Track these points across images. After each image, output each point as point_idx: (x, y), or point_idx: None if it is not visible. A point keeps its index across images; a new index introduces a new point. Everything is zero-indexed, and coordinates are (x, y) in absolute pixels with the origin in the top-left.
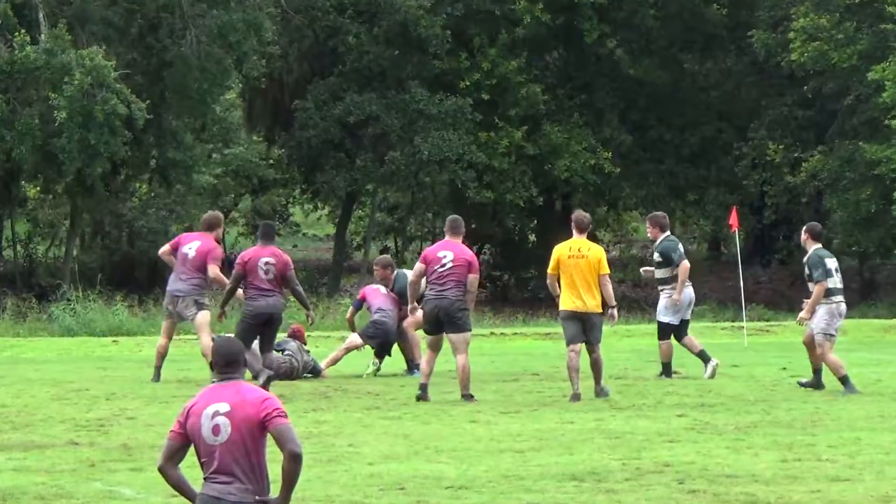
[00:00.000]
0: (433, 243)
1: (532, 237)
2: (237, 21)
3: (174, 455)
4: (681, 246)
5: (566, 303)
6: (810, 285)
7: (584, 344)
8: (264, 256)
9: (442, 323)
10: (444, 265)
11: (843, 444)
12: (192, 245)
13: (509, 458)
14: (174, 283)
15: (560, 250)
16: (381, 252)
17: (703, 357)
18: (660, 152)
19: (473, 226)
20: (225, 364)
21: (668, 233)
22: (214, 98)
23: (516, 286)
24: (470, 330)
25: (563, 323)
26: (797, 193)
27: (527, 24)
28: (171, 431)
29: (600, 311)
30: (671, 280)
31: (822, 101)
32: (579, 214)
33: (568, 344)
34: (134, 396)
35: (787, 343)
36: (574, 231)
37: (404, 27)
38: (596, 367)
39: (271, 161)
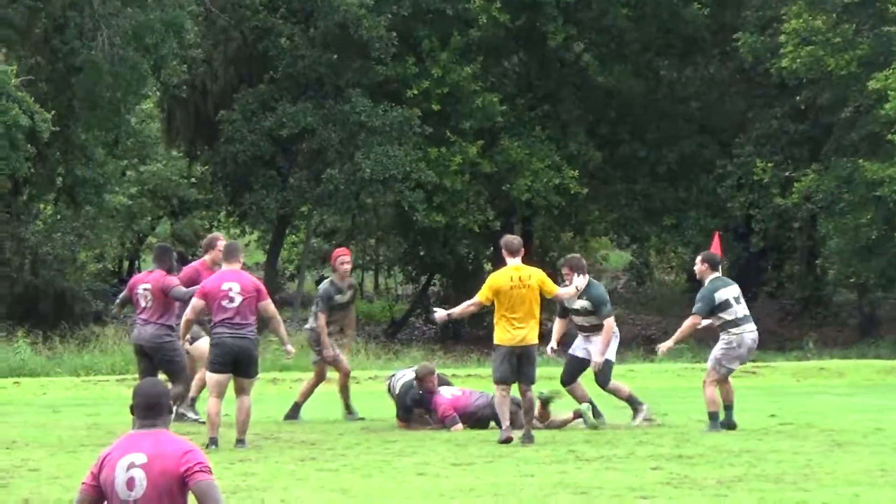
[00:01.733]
0: (376, 273)
1: (488, 266)
2: (154, 21)
3: None
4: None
5: (504, 337)
6: (735, 310)
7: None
8: (144, 283)
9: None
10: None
11: (839, 502)
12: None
13: None
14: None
15: (500, 280)
16: (317, 282)
17: (634, 402)
18: (633, 171)
19: (422, 253)
20: (145, 409)
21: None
22: (129, 108)
23: (470, 322)
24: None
25: (499, 358)
26: (788, 217)
27: (483, 26)
28: (83, 484)
29: (537, 342)
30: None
31: (817, 113)
32: (509, 238)
33: (500, 382)
34: (37, 445)
35: (776, 387)
36: (506, 256)
37: (344, 28)
38: (531, 408)
39: (193, 179)
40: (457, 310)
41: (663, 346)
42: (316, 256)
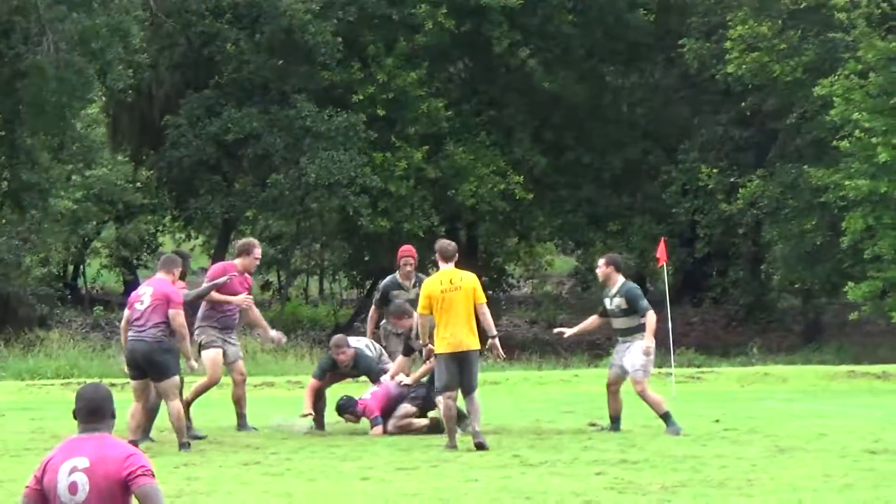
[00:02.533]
0: (321, 278)
1: (433, 271)
2: (100, 26)
3: None
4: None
5: (442, 344)
6: (619, 321)
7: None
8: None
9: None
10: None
11: None
12: None
13: None
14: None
15: (430, 286)
16: (263, 287)
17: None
18: (578, 176)
19: (367, 258)
20: (88, 413)
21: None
22: (74, 113)
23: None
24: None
25: (440, 366)
26: (733, 223)
27: (428, 31)
28: (27, 488)
29: (479, 347)
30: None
31: (762, 119)
32: (443, 243)
33: (444, 391)
34: None
35: (720, 392)
36: (440, 261)
37: (289, 34)
38: (475, 410)
39: (138, 184)
40: (422, 333)
41: (568, 332)
42: (262, 261)
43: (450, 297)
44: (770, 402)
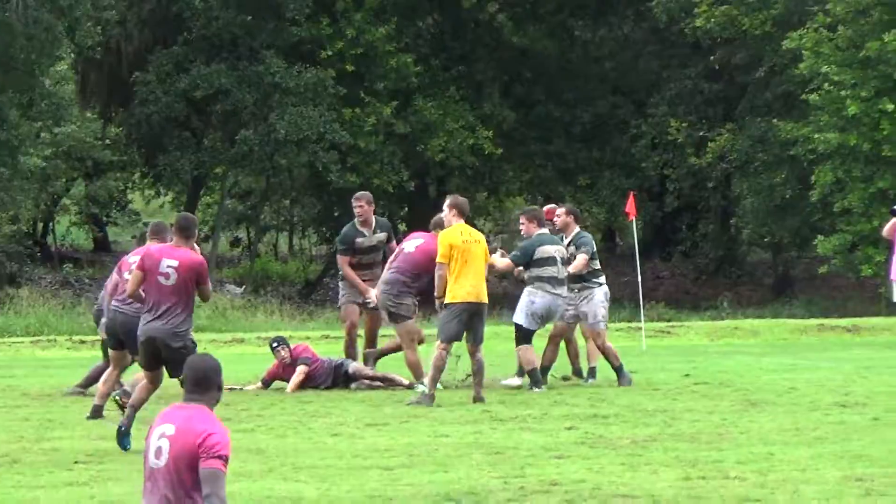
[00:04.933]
0: (291, 234)
1: (403, 227)
2: None
3: None
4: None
5: (460, 293)
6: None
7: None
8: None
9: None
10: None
11: (754, 461)
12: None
13: (376, 476)
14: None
15: (451, 236)
16: (232, 244)
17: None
18: (547, 131)
19: (336, 214)
20: (193, 383)
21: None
22: (43, 70)
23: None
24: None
25: (452, 317)
26: (703, 177)
27: None
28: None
29: (487, 301)
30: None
31: (731, 72)
32: (460, 199)
33: (447, 340)
34: None
35: (690, 346)
36: (456, 216)
37: None
38: (480, 369)
39: (108, 141)
40: (439, 291)
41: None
42: (230, 217)
43: (471, 249)
44: (740, 356)
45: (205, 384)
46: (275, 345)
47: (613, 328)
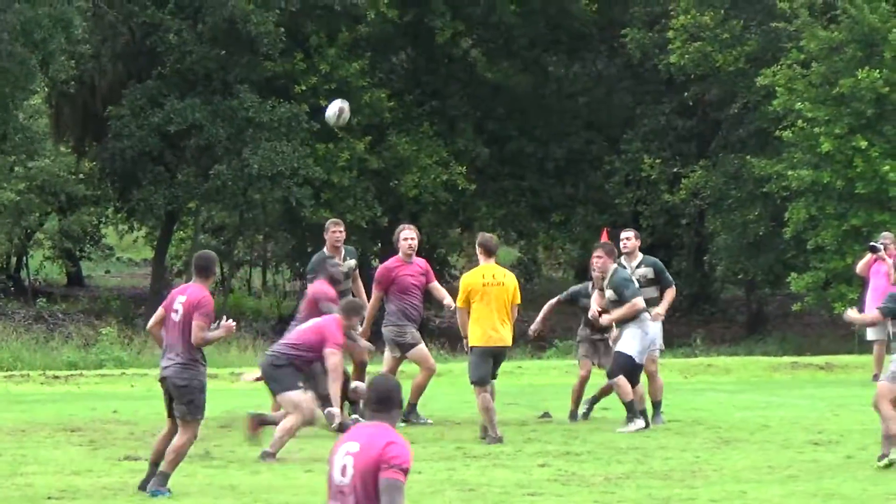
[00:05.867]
0: (264, 269)
1: (375, 262)
2: (43, 16)
3: None
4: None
5: (481, 337)
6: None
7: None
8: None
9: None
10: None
11: (727, 498)
12: None
13: None
14: None
15: (472, 278)
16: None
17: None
18: (521, 167)
19: (310, 249)
20: (376, 402)
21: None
22: (17, 104)
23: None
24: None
25: (476, 360)
26: (676, 214)
27: (371, 21)
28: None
29: (510, 344)
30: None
31: (705, 109)
32: (487, 237)
33: (480, 384)
34: None
35: (664, 383)
36: (482, 257)
37: (232, 24)
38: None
39: (81, 175)
40: (463, 332)
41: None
42: None
43: (492, 292)
44: (713, 394)
45: (388, 403)
46: None
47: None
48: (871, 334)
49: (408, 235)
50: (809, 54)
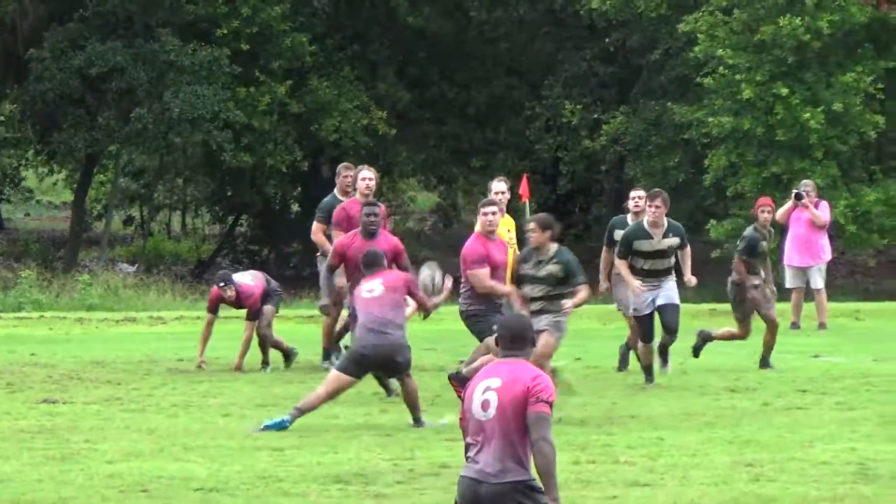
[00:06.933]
0: (184, 213)
1: (296, 207)
2: None
3: None
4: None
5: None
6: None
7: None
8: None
9: None
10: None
11: (644, 445)
12: None
13: (266, 456)
14: None
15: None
16: (125, 222)
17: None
18: (442, 112)
19: (230, 193)
20: (510, 341)
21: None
22: None
23: (276, 262)
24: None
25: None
26: (596, 160)
27: None
28: (461, 415)
29: None
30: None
31: (626, 55)
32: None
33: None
34: None
35: (582, 330)
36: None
37: None
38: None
39: (1, 118)
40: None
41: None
42: (124, 196)
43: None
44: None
45: (521, 341)
46: (221, 283)
47: None
48: (789, 282)
49: (366, 175)
50: (731, 1)
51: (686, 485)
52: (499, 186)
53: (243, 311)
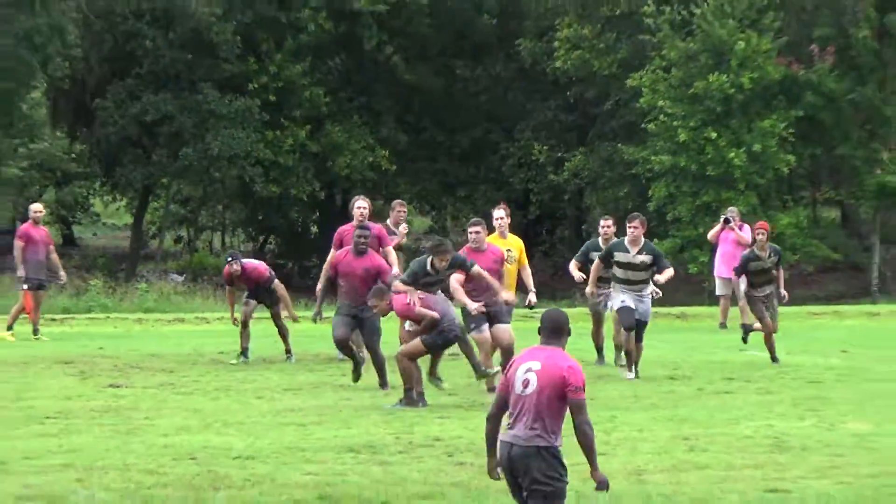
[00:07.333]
0: (223, 234)
1: (314, 229)
2: (42, 25)
3: (501, 406)
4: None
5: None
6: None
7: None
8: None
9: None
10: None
11: (599, 422)
12: None
13: (292, 431)
14: None
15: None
16: (176, 241)
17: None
18: (433, 151)
19: (260, 217)
20: (550, 331)
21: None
22: (21, 97)
23: (299, 274)
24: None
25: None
26: (560, 191)
27: (311, 32)
28: (499, 384)
29: None
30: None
31: (584, 105)
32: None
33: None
34: None
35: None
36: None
37: (197, 33)
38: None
39: (73, 156)
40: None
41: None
42: (174, 219)
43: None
44: (589, 339)
45: (559, 332)
46: (229, 259)
47: None
48: (718, 290)
49: (361, 205)
50: (670, 61)
51: (635, 454)
52: (498, 213)
53: (269, 317)
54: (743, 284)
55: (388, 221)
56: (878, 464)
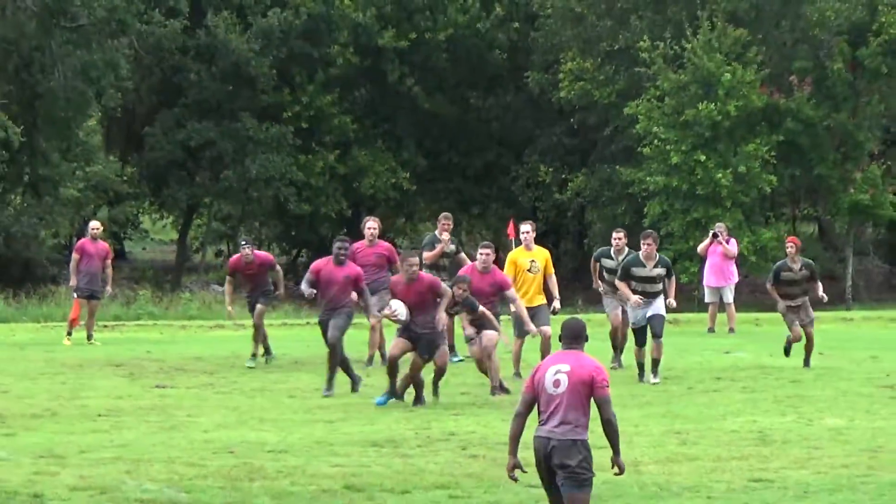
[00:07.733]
0: (260, 248)
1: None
2: (98, 60)
3: (528, 406)
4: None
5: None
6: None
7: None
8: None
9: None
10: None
11: (595, 419)
12: None
13: (321, 427)
14: None
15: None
16: (217, 255)
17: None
18: (449, 173)
19: (293, 234)
20: (570, 338)
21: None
22: (78, 124)
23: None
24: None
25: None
26: (564, 208)
27: (339, 65)
28: (525, 387)
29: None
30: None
31: (586, 131)
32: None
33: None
34: (7, 374)
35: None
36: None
37: (237, 67)
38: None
39: (125, 178)
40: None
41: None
42: (215, 235)
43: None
44: (596, 342)
45: (578, 338)
46: (244, 243)
47: None
48: (707, 297)
49: (371, 225)
50: (663, 91)
51: (631, 447)
52: (524, 227)
53: (290, 322)
54: (778, 298)
55: (436, 232)
56: (852, 455)
